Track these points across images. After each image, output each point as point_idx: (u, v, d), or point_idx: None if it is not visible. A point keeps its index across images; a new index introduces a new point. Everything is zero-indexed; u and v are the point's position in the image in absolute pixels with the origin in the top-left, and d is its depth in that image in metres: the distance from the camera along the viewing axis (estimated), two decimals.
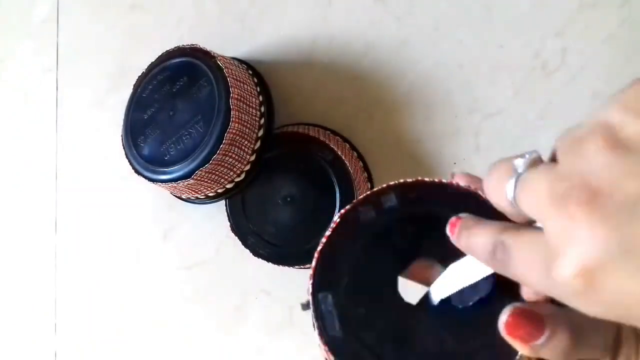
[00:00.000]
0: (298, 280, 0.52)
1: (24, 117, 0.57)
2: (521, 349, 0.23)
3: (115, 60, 0.55)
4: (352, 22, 0.51)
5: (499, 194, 0.22)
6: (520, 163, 0.21)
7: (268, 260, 0.48)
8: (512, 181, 0.21)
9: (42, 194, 0.56)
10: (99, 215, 0.55)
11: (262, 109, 0.46)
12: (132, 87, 0.47)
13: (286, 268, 0.49)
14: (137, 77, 0.47)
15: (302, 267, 0.49)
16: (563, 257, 0.18)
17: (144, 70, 0.47)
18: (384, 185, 0.27)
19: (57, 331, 0.56)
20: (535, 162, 0.21)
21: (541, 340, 0.22)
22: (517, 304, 0.23)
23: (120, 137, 0.46)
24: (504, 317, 0.23)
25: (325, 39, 0.51)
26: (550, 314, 0.23)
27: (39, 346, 0.56)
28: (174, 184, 0.43)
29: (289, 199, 0.47)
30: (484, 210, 0.23)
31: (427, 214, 0.27)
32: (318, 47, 0.51)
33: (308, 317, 0.53)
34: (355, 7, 0.51)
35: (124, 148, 0.46)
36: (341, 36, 0.51)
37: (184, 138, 0.43)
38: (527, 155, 0.21)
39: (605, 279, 0.17)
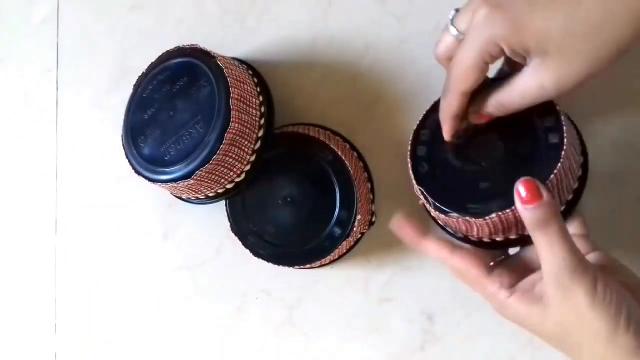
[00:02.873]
0: (298, 280, 0.52)
1: (24, 117, 0.57)
2: (520, 207, 0.33)
3: (115, 61, 0.55)
4: (352, 22, 0.51)
5: (447, 37, 0.36)
6: (451, 14, 0.35)
7: (268, 260, 0.48)
8: (452, 15, 0.35)
9: (42, 193, 0.56)
10: (99, 215, 0.55)
11: (262, 109, 0.46)
12: (132, 87, 0.47)
13: (286, 268, 0.49)
14: (137, 77, 0.47)
15: (302, 267, 0.49)
16: (480, 6, 0.32)
17: (144, 71, 0.47)
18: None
19: (57, 331, 0.56)
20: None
21: (535, 204, 0.32)
22: (531, 178, 0.33)
23: (120, 137, 0.46)
24: (520, 180, 0.33)
25: (325, 39, 0.51)
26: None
27: (39, 346, 0.56)
28: (174, 184, 0.43)
29: (289, 199, 0.47)
30: None
31: None
32: (318, 47, 0.51)
33: (308, 317, 0.53)
34: (355, 7, 0.51)
35: (124, 148, 0.46)
36: (341, 36, 0.51)
37: (184, 138, 0.43)
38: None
39: (504, 5, 0.31)
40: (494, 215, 0.36)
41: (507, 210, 0.35)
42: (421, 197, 0.40)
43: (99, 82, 0.55)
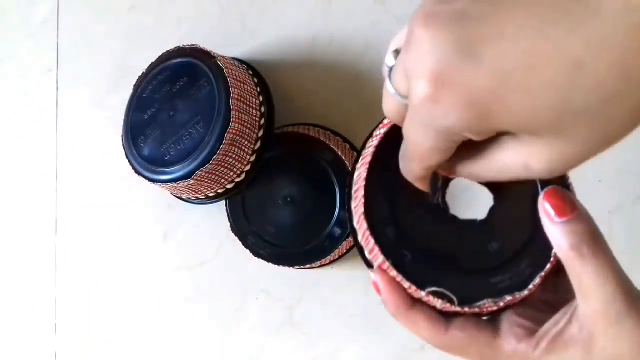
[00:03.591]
0: (298, 280, 0.52)
1: (24, 118, 0.57)
2: (550, 224, 0.25)
3: (115, 61, 0.55)
4: (352, 22, 0.51)
5: (389, 99, 0.24)
6: (388, 59, 0.24)
7: (268, 261, 0.48)
8: (389, 62, 0.24)
9: (42, 194, 0.56)
10: (99, 216, 0.55)
11: (262, 109, 0.46)
12: (132, 87, 0.47)
13: (286, 268, 0.49)
14: (137, 77, 0.47)
15: (302, 267, 0.49)
16: (415, 77, 0.20)
17: (144, 71, 0.47)
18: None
19: (57, 331, 0.56)
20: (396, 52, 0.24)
21: (571, 215, 0.24)
22: (558, 186, 0.25)
23: (120, 137, 0.46)
24: (545, 190, 0.25)
25: (325, 39, 0.51)
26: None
27: (39, 346, 0.56)
28: (174, 184, 0.43)
29: (289, 199, 0.47)
30: None
31: None
32: (318, 47, 0.51)
33: (308, 317, 0.53)
34: (355, 7, 0.51)
35: (124, 148, 0.46)
36: (341, 36, 0.51)
37: (184, 138, 0.43)
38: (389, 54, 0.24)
39: (454, 79, 0.19)
40: (526, 291, 0.26)
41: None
42: (394, 275, 0.27)
43: (99, 82, 0.55)
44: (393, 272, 0.26)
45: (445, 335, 0.28)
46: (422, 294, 0.26)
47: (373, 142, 0.28)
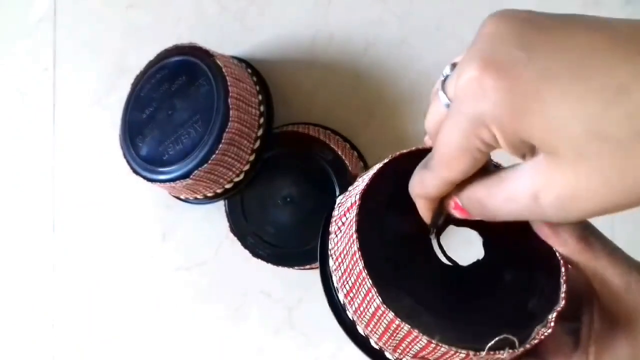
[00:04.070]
0: (298, 281, 0.52)
1: (21, 117, 0.57)
2: (549, 230, 0.24)
3: (113, 59, 0.55)
4: (352, 21, 0.50)
5: (436, 105, 0.24)
6: (445, 70, 0.24)
7: (267, 261, 0.47)
8: (446, 74, 0.23)
9: (40, 193, 0.56)
10: (97, 216, 0.55)
11: (262, 108, 0.45)
12: (130, 86, 0.47)
13: (286, 268, 0.49)
14: (135, 76, 0.47)
15: (301, 267, 0.48)
16: (466, 62, 0.20)
17: (142, 69, 0.46)
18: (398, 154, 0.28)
19: (55, 331, 0.55)
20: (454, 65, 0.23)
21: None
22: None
23: (118, 137, 0.46)
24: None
25: (325, 38, 0.51)
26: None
27: (37, 347, 0.56)
28: (172, 184, 0.43)
29: (288, 199, 0.47)
30: None
31: None
32: (318, 46, 0.51)
33: (308, 318, 0.53)
34: (355, 5, 0.50)
35: (121, 148, 0.46)
36: (341, 35, 0.51)
37: (182, 137, 0.42)
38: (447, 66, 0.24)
39: (505, 66, 0.19)
40: (562, 301, 0.25)
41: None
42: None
43: (97, 81, 0.55)
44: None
45: None
46: (482, 354, 0.25)
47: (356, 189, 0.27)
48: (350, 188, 0.29)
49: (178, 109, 0.43)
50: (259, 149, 0.44)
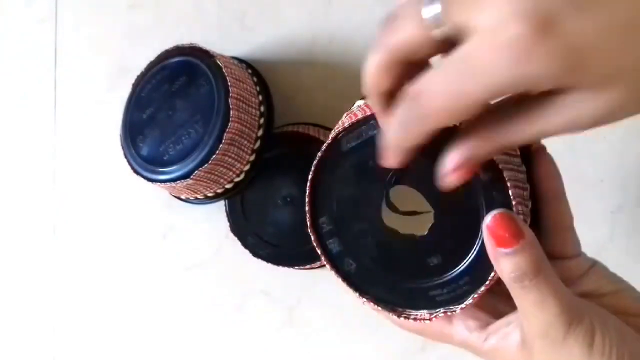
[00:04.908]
0: (298, 281, 0.52)
1: (22, 117, 0.57)
2: (493, 252, 0.24)
3: (113, 60, 0.55)
4: (352, 21, 0.51)
5: (411, 23, 0.22)
6: None
7: (268, 261, 0.47)
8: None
9: (41, 194, 0.56)
10: (97, 216, 0.55)
11: (262, 108, 0.45)
12: (130, 86, 0.47)
13: (286, 268, 0.49)
14: (135, 77, 0.47)
15: (302, 267, 0.48)
16: (509, 12, 0.18)
17: (143, 70, 0.47)
18: (362, 117, 0.29)
19: (56, 332, 0.56)
20: None
21: (515, 247, 0.24)
22: (504, 210, 0.25)
23: (119, 137, 0.46)
24: (489, 216, 0.25)
25: (325, 38, 0.51)
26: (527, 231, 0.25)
27: (37, 347, 0.56)
28: (172, 184, 0.43)
29: (288, 199, 0.47)
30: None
31: None
32: (318, 46, 0.51)
33: (308, 317, 0.53)
34: (355, 6, 0.50)
35: (122, 148, 0.46)
36: (341, 35, 0.51)
37: (183, 138, 0.43)
38: None
39: (561, 25, 0.18)
40: (459, 309, 0.27)
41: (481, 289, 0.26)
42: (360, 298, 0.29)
43: (98, 81, 0.55)
44: (339, 280, 0.29)
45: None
46: (363, 300, 0.29)
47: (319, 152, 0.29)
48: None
49: (178, 109, 0.43)
50: (259, 149, 0.45)
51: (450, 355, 0.50)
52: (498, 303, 0.28)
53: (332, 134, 0.29)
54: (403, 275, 0.28)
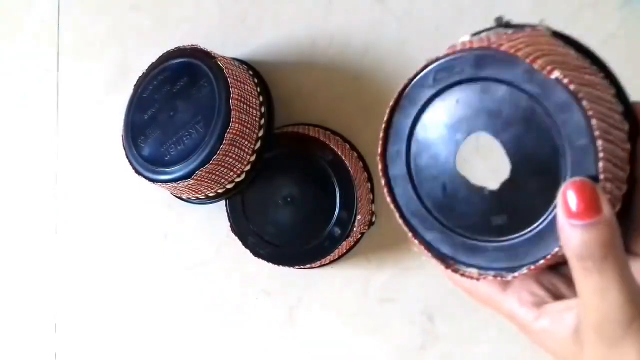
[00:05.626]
0: (298, 280, 0.52)
1: (24, 118, 0.57)
2: (562, 221, 0.22)
3: (115, 61, 0.55)
4: (352, 22, 0.51)
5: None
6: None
7: (268, 261, 0.48)
8: None
9: (43, 194, 0.56)
10: (99, 216, 0.55)
11: (262, 109, 0.46)
12: (132, 87, 0.47)
13: (286, 268, 0.49)
14: (137, 78, 0.47)
15: (302, 267, 0.49)
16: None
17: (144, 71, 0.47)
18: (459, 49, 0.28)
19: (57, 331, 0.56)
20: None
21: (588, 221, 0.21)
22: (587, 179, 0.22)
23: (121, 138, 0.46)
24: (570, 181, 0.22)
25: (325, 39, 0.51)
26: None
27: (39, 346, 0.56)
28: (174, 184, 0.43)
29: (289, 199, 0.47)
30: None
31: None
32: (318, 47, 0.51)
33: (308, 317, 0.53)
34: (355, 7, 0.51)
35: (124, 148, 0.46)
36: (341, 36, 0.51)
37: (184, 138, 0.43)
38: None
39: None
40: (510, 277, 0.25)
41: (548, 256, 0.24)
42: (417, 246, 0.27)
43: (99, 82, 0.55)
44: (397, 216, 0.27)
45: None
46: (414, 241, 0.27)
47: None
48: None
49: (180, 110, 0.44)
50: (260, 150, 0.45)
51: (450, 353, 0.50)
52: (561, 284, 0.26)
53: (423, 64, 0.28)
54: (462, 228, 0.26)
